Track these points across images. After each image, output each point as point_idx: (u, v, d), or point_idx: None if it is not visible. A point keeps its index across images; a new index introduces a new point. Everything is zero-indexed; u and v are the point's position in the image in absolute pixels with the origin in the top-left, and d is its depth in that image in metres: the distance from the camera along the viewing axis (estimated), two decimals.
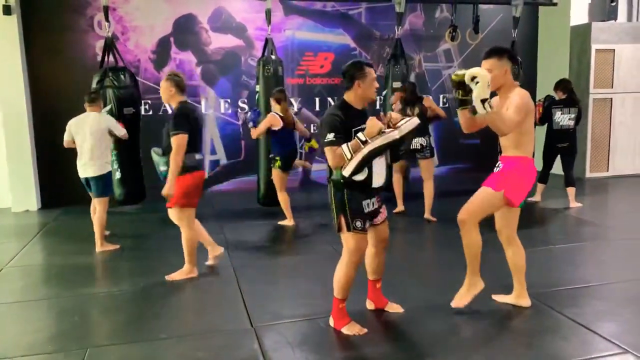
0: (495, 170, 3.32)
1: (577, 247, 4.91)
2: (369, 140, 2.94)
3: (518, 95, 3.14)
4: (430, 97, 6.28)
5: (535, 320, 3.34)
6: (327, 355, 2.95)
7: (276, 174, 5.62)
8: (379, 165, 3.06)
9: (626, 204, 6.80)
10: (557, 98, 6.32)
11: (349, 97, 3.11)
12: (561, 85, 6.28)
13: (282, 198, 5.70)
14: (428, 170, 5.77)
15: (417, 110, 5.57)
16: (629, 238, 5.14)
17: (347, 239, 3.09)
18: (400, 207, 6.08)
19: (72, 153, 5.17)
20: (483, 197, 3.25)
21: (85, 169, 4.99)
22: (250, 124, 5.66)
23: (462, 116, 3.14)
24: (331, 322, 3.23)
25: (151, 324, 3.42)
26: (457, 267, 4.12)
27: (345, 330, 3.15)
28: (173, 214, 4.13)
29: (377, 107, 7.28)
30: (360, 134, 2.96)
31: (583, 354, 2.92)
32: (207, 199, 7.25)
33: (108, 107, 5.65)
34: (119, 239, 5.18)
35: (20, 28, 6.65)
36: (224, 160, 7.71)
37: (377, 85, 3.11)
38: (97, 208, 5.03)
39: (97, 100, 5.15)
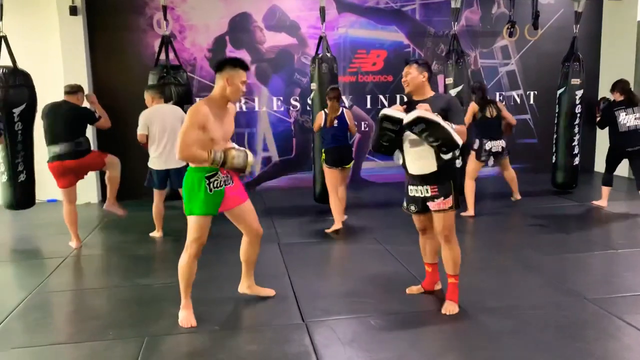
0: None
1: None
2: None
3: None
4: (504, 104, 6.49)
5: (596, 327, 3.22)
6: (377, 353, 2.93)
7: (324, 170, 5.49)
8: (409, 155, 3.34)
9: None
10: (614, 100, 6.11)
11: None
12: (618, 86, 6.08)
13: (332, 200, 5.46)
14: (506, 164, 6.37)
15: (495, 112, 5.86)
16: None
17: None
18: (470, 211, 5.99)
19: (129, 147, 5.32)
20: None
21: (167, 160, 5.07)
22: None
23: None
24: None
25: (206, 316, 3.47)
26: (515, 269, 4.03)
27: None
28: None
29: None
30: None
31: None
32: (259, 195, 7.34)
33: (170, 103, 5.80)
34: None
35: (85, 28, 6.94)
36: (275, 157, 7.80)
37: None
38: (157, 200, 5.23)
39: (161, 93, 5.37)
